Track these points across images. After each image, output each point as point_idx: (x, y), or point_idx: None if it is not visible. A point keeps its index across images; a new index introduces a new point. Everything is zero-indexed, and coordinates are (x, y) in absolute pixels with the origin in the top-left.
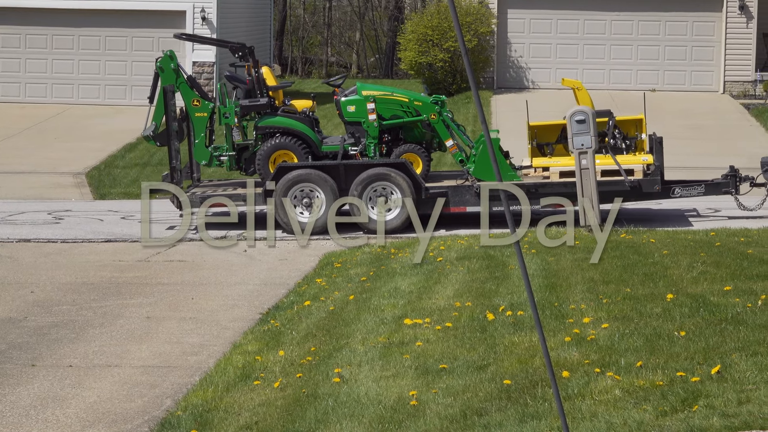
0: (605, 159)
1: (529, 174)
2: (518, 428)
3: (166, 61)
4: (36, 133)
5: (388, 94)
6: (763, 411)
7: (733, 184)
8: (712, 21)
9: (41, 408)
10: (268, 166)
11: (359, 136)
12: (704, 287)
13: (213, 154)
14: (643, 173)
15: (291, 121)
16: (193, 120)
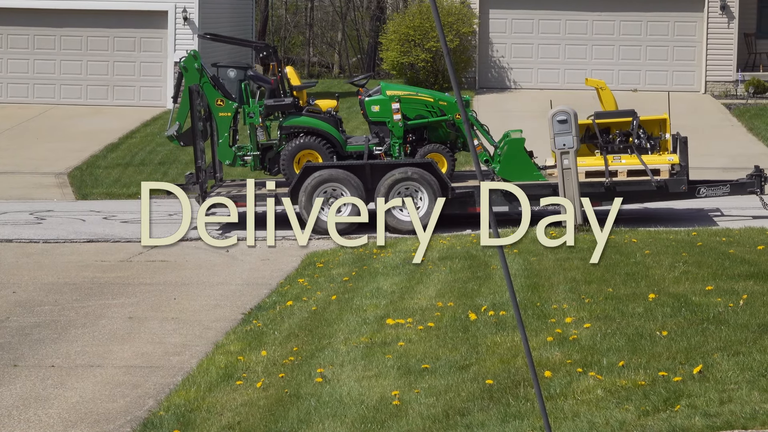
0: (631, 159)
1: (553, 174)
2: (500, 428)
3: (190, 60)
4: (17, 133)
5: (413, 93)
6: (745, 410)
7: (758, 184)
8: (694, 21)
9: (23, 408)
10: (292, 166)
11: (383, 136)
12: (686, 287)
13: (237, 154)
14: (669, 173)
15: (316, 121)
16: (216, 120)
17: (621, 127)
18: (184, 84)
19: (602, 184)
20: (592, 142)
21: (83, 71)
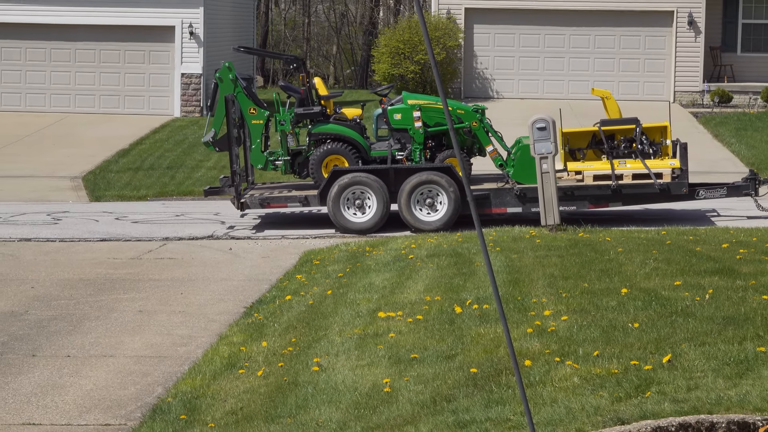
0: (635, 163)
1: (563, 177)
2: (484, 413)
3: (225, 72)
4: (35, 139)
5: (433, 103)
6: (711, 396)
7: (753, 187)
8: (663, 35)
9: (41, 395)
10: (321, 170)
11: (405, 142)
12: (656, 282)
13: (268, 159)
14: (670, 177)
15: (342, 128)
16: (249, 127)
17: (625, 134)
18: (219, 94)
19: (609, 187)
20: (599, 147)
21: (96, 82)
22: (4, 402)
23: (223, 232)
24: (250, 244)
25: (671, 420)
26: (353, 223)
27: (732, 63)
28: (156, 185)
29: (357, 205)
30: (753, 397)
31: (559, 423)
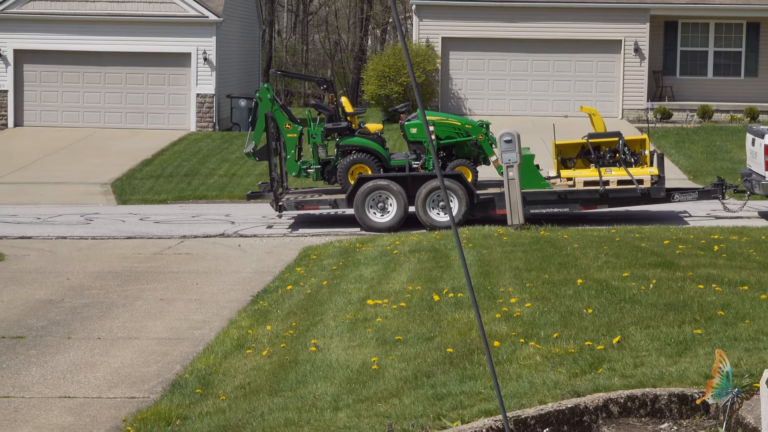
0: (619, 171)
1: (556, 183)
2: (459, 387)
3: (264, 92)
4: (70, 151)
5: (444, 119)
6: (654, 372)
7: (720, 191)
8: (613, 61)
9: (76, 372)
10: (347, 177)
11: (420, 152)
12: (607, 274)
13: (301, 167)
14: (650, 182)
15: (366, 141)
16: (285, 139)
17: (610, 145)
18: (259, 111)
19: (597, 192)
20: (587, 157)
21: (123, 101)
22: (44, 378)
23: (233, 231)
24: (256, 242)
25: (620, 393)
26: (376, 222)
27: (672, 85)
28: (175, 190)
29: (379, 207)
30: (691, 372)
31: (523, 395)
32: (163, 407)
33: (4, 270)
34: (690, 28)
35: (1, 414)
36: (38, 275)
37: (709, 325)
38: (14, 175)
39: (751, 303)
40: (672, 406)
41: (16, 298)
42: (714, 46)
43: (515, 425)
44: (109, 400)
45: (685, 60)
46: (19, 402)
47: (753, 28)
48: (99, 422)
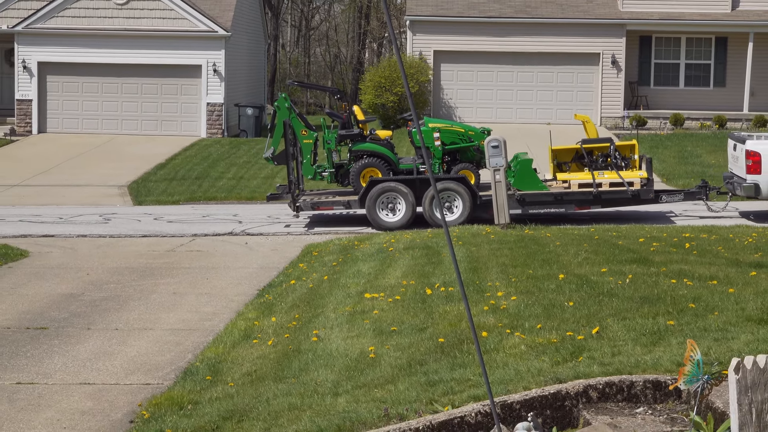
0: (611, 174)
1: (553, 185)
2: (450, 374)
3: (282, 101)
4: (89, 156)
5: (449, 126)
6: (630, 360)
7: (704, 193)
8: (592, 72)
9: (95, 360)
10: (359, 180)
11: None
12: (587, 269)
13: (317, 171)
14: (640, 185)
15: (377, 146)
16: (302, 145)
17: (602, 150)
18: (278, 119)
19: (591, 193)
20: (581, 161)
21: (139, 110)
22: (65, 366)
23: (240, 230)
24: (261, 240)
25: (599, 379)
26: (386, 222)
27: (647, 94)
28: (186, 192)
29: (390, 207)
30: (664, 361)
31: (509, 382)
32: (175, 393)
33: (28, 266)
34: (663, 42)
35: (27, 399)
36: (60, 271)
37: (681, 316)
38: (38, 178)
39: (720, 296)
40: (647, 391)
41: (39, 292)
42: (685, 59)
43: (502, 409)
44: (126, 387)
45: (659, 71)
46: (42, 388)
47: (721, 43)
48: (117, 407)
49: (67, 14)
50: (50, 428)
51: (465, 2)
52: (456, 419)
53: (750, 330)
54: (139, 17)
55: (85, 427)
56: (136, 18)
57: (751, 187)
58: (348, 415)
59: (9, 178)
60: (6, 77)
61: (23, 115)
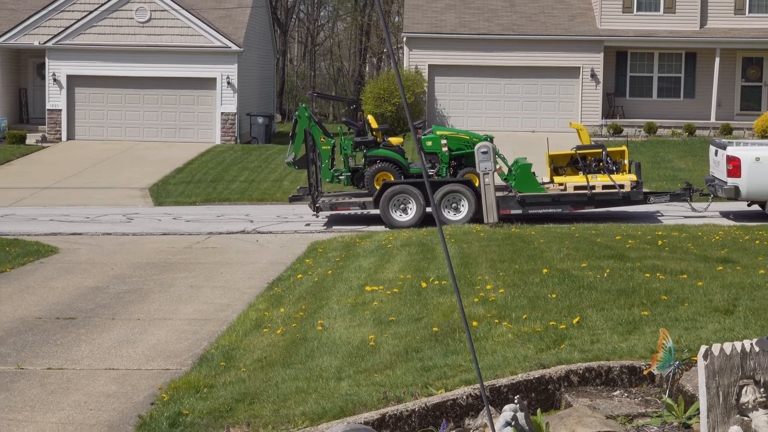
0: (604, 177)
1: (550, 188)
2: (443, 360)
3: (302, 111)
4: (114, 161)
5: (455, 133)
6: (608, 348)
7: (689, 195)
8: (572, 84)
9: (119, 347)
10: (373, 183)
11: (435, 162)
12: (568, 264)
13: (334, 175)
14: (630, 187)
15: (389, 152)
16: (320, 151)
17: (595, 156)
18: (299, 127)
19: (585, 195)
20: (576, 166)
21: (159, 119)
22: (92, 353)
23: (252, 229)
24: (271, 237)
25: (579, 365)
26: (398, 221)
27: (623, 105)
28: (202, 194)
29: (401, 208)
30: (639, 348)
31: (497, 368)
32: (192, 377)
33: (58, 261)
34: (638, 57)
35: (56, 383)
36: (87, 266)
37: (654, 307)
38: (67, 181)
39: (690, 289)
40: (623, 376)
41: (68, 285)
42: (658, 73)
43: (491, 392)
44: (147, 372)
45: (634, 84)
46: (71, 373)
47: (690, 58)
48: (139, 390)
49: (93, 31)
50: (78, 410)
51: (457, 21)
52: (449, 401)
53: (717, 320)
54: (159, 34)
55: (110, 408)
56: (156, 35)
57: (731, 189)
58: (350, 397)
59: (41, 181)
60: (38, 89)
61: (53, 124)
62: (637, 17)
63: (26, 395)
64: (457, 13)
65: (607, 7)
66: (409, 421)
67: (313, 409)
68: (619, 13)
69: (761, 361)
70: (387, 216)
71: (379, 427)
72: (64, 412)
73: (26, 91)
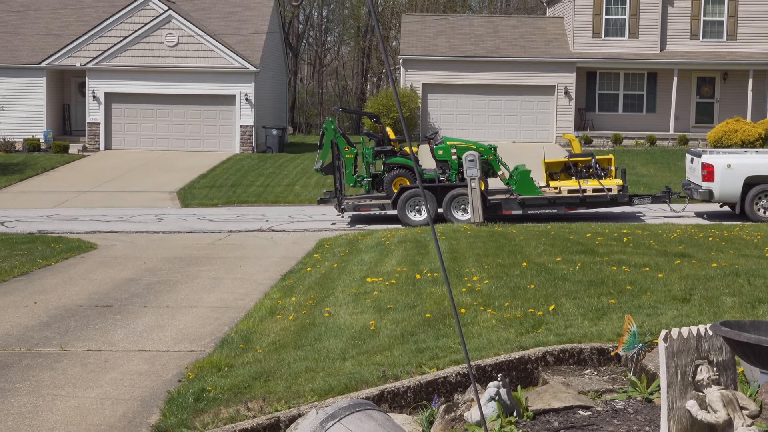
0: (594, 182)
1: (546, 191)
2: (435, 343)
3: (329, 123)
4: (146, 168)
5: (463, 143)
6: (579, 332)
7: (668, 197)
8: (548, 101)
9: (150, 331)
10: (391, 187)
11: (445, 168)
12: (545, 258)
13: (356, 180)
14: (617, 190)
15: (405, 160)
16: (344, 159)
17: (585, 163)
18: (326, 138)
19: (578, 197)
20: (568, 171)
21: (185, 131)
22: (126, 336)
23: (267, 227)
24: (284, 235)
25: (555, 347)
26: (413, 221)
27: (592, 118)
28: (224, 197)
29: (416, 209)
30: (607, 332)
31: (483, 349)
32: (215, 358)
33: (96, 256)
34: (606, 76)
35: (95, 363)
36: (122, 260)
37: (620, 296)
38: (104, 186)
39: (651, 280)
40: (593, 356)
41: (105, 277)
42: (623, 90)
43: (477, 371)
44: (175, 353)
45: (602, 100)
46: (108, 354)
47: (652, 77)
48: (167, 369)
49: (127, 54)
50: (114, 386)
51: (447, 45)
52: (440, 379)
53: (675, 307)
54: (186, 56)
55: (142, 385)
56: (183, 57)
57: (705, 192)
58: (353, 375)
59: (81, 185)
60: (79, 105)
61: (93, 135)
62: (605, 42)
63: (69, 374)
64: (447, 38)
65: (579, 33)
66: (405, 397)
67: (320, 386)
68: (589, 38)
69: (714, 343)
70: (403, 216)
71: (379, 401)
72: (102, 389)
73: (69, 107)
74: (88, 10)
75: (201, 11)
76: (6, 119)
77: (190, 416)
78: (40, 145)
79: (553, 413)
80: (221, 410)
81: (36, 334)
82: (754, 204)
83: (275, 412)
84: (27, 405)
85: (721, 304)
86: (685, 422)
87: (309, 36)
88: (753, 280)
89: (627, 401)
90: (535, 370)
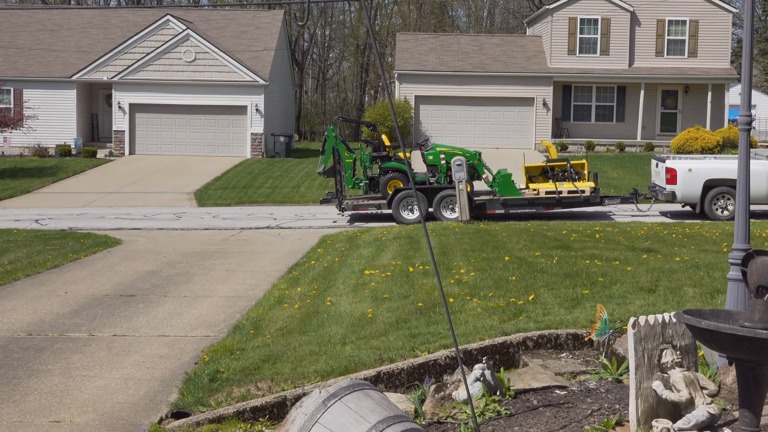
0: (569, 184)
1: (526, 192)
2: (426, 329)
3: (330, 131)
4: (166, 172)
5: (451, 149)
6: (556, 319)
7: (635, 198)
8: (528, 111)
9: (169, 319)
10: (386, 189)
11: (435, 172)
12: (525, 253)
13: (355, 182)
14: (589, 192)
15: (399, 164)
16: (344, 163)
17: (561, 167)
18: (327, 144)
19: (554, 198)
20: (546, 175)
21: (202, 138)
22: (147, 323)
23: (275, 225)
24: (290, 232)
25: (534, 333)
26: (406, 219)
27: (568, 127)
28: (236, 197)
29: (409, 209)
30: (581, 319)
31: (469, 335)
32: (228, 342)
33: (121, 250)
34: (580, 89)
35: (120, 347)
36: (144, 254)
37: (593, 287)
38: (129, 187)
39: (621, 273)
40: (569, 341)
41: (129, 269)
42: (595, 102)
43: (464, 354)
44: (192, 338)
45: (577, 111)
46: (131, 339)
47: (621, 90)
48: (185, 352)
49: (149, 68)
50: (137, 368)
51: (437, 61)
52: (431, 362)
53: (643, 297)
54: (202, 71)
55: (162, 367)
56: (200, 71)
57: (669, 193)
58: (352, 358)
59: (108, 187)
60: (106, 114)
61: (118, 142)
62: (579, 58)
63: (96, 357)
64: (437, 54)
65: (556, 51)
66: (399, 378)
67: (323, 367)
68: (565, 55)
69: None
70: (397, 215)
71: (376, 382)
72: (126, 370)
73: (97, 116)
74: (114, 29)
75: (216, 30)
76: (40, 127)
77: (206, 395)
78: (71, 150)
79: (533, 392)
80: (233, 389)
81: (67, 321)
82: (713, 204)
83: (282, 391)
84: (59, 384)
85: (684, 294)
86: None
87: (313, 52)
88: (712, 272)
89: (599, 382)
90: (517, 354)
